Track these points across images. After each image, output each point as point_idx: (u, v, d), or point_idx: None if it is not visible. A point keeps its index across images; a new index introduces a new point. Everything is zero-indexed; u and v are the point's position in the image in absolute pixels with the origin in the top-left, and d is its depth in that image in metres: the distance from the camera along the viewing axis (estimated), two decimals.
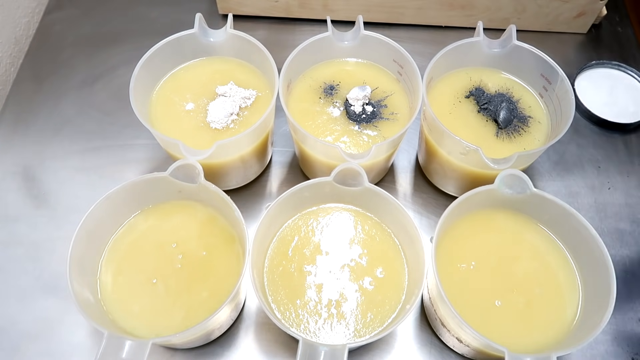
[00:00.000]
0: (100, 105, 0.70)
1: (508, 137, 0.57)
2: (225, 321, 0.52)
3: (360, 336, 0.47)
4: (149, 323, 0.47)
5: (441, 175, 0.61)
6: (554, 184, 0.65)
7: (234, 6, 0.76)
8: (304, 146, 0.57)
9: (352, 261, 0.51)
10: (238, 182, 0.62)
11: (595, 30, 0.79)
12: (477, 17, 0.75)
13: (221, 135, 0.56)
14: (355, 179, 0.49)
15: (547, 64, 0.56)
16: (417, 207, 0.63)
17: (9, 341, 0.54)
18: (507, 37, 0.57)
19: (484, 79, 0.61)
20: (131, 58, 0.58)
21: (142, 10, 0.79)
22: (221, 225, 0.52)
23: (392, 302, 0.49)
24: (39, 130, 0.67)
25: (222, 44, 0.59)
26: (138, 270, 0.49)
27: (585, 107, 0.69)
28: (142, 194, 0.51)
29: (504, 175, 0.48)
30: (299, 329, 0.48)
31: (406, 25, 0.78)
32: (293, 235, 0.52)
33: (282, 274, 0.50)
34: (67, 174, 0.64)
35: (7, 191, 0.63)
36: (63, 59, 0.74)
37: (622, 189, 0.65)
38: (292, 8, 0.76)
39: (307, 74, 0.60)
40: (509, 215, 0.52)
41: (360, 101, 0.57)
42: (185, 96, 0.58)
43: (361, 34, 0.58)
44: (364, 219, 0.53)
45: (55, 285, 0.57)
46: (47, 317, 0.55)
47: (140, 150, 0.66)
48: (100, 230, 0.50)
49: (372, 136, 0.57)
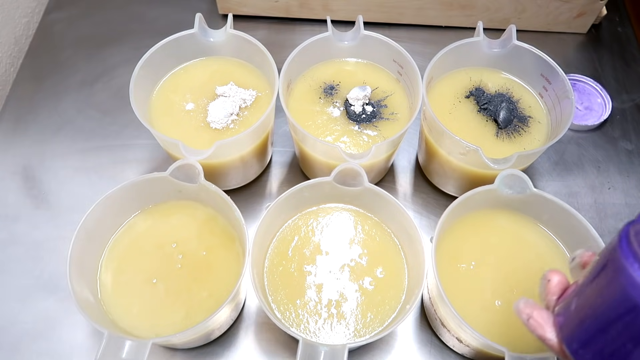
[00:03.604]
0: (100, 105, 0.70)
1: (508, 137, 0.57)
2: (225, 321, 0.52)
3: (360, 336, 0.47)
4: (149, 323, 0.47)
5: (441, 175, 0.61)
6: (554, 184, 0.65)
7: (234, 6, 0.76)
8: (304, 146, 0.57)
9: (352, 261, 0.51)
10: (238, 182, 0.62)
11: (595, 30, 0.79)
12: (477, 17, 0.75)
13: (221, 135, 0.56)
14: (355, 179, 0.49)
15: (547, 64, 0.56)
16: (417, 207, 0.63)
17: (9, 341, 0.54)
18: (507, 37, 0.57)
19: (484, 79, 0.61)
20: (131, 58, 0.58)
21: (142, 10, 0.79)
22: (221, 225, 0.52)
23: (392, 302, 0.49)
24: (39, 130, 0.67)
25: (222, 44, 0.59)
26: (138, 270, 0.49)
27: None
28: (142, 194, 0.51)
29: (504, 175, 0.48)
30: (299, 329, 0.48)
31: (406, 25, 0.78)
32: (293, 235, 0.52)
33: (282, 274, 0.50)
34: (67, 174, 0.64)
35: (7, 191, 0.63)
36: (63, 59, 0.74)
37: (622, 189, 0.65)
38: (292, 8, 0.76)
39: (307, 74, 0.60)
40: (509, 215, 0.52)
41: (360, 101, 0.57)
42: (185, 96, 0.58)
43: (361, 34, 0.58)
44: (364, 219, 0.53)
45: (55, 285, 0.57)
46: (47, 317, 0.55)
47: (140, 150, 0.66)
48: (100, 230, 0.50)
49: (372, 136, 0.57)
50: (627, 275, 0.28)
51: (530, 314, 0.34)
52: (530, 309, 0.34)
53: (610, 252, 0.30)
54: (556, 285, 0.35)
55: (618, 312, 0.29)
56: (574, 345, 0.32)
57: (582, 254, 0.35)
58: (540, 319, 0.34)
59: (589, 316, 0.31)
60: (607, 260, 0.30)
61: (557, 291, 0.35)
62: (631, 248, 0.28)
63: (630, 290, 0.28)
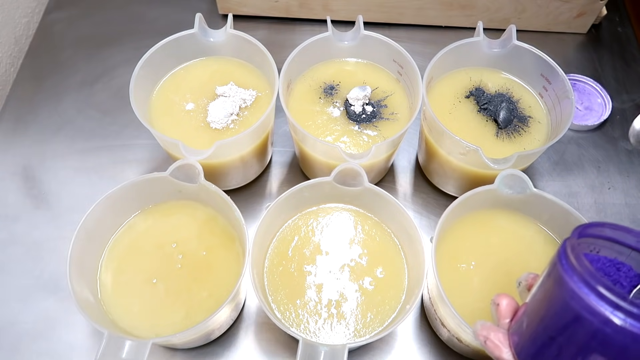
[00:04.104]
0: (100, 105, 0.70)
1: (508, 137, 0.57)
2: (225, 321, 0.52)
3: (360, 336, 0.47)
4: (149, 323, 0.47)
5: (441, 175, 0.61)
6: (554, 184, 0.65)
7: (234, 6, 0.76)
8: (304, 146, 0.57)
9: (352, 261, 0.51)
10: (238, 182, 0.62)
11: (595, 30, 0.79)
12: (477, 17, 0.75)
13: (221, 135, 0.56)
14: (355, 179, 0.49)
15: (547, 64, 0.56)
16: (417, 207, 0.63)
17: (9, 341, 0.54)
18: (507, 37, 0.57)
19: (484, 79, 0.61)
20: (131, 58, 0.58)
21: (142, 10, 0.79)
22: (221, 225, 0.52)
23: (392, 302, 0.49)
24: (39, 130, 0.67)
25: (222, 44, 0.59)
26: (138, 270, 0.49)
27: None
28: (142, 194, 0.51)
29: (504, 175, 0.48)
30: (299, 329, 0.48)
31: (406, 25, 0.78)
32: (293, 235, 0.52)
33: (282, 274, 0.50)
34: (67, 174, 0.64)
35: (7, 191, 0.63)
36: (63, 59, 0.74)
37: (622, 189, 0.65)
38: (292, 8, 0.76)
39: (307, 74, 0.60)
40: (509, 215, 0.52)
41: (360, 101, 0.57)
42: (185, 96, 0.58)
43: (361, 34, 0.58)
44: (364, 219, 0.53)
45: (55, 285, 0.57)
46: (47, 317, 0.55)
47: (140, 150, 0.66)
48: (100, 230, 0.50)
49: (372, 136, 0.57)
50: (568, 288, 0.30)
51: (487, 335, 0.35)
52: (487, 331, 0.35)
53: (552, 268, 0.32)
54: (505, 308, 0.36)
55: (563, 323, 0.30)
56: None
57: (527, 276, 0.37)
58: (497, 340, 0.35)
59: (538, 331, 0.32)
60: (549, 276, 0.32)
61: (507, 314, 0.36)
62: (569, 262, 0.30)
63: (570, 302, 0.29)
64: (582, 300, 0.29)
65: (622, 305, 0.27)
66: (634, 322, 0.27)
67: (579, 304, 0.29)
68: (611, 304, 0.28)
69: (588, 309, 0.28)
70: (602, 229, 0.34)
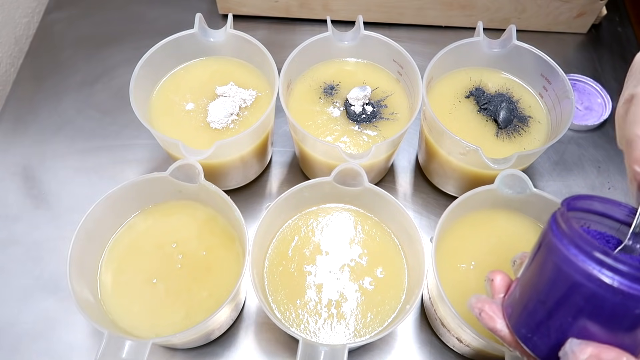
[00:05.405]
0: (100, 105, 0.70)
1: (508, 137, 0.57)
2: (225, 321, 0.52)
3: (360, 336, 0.47)
4: (149, 323, 0.47)
5: (441, 175, 0.61)
6: (554, 184, 0.65)
7: (234, 6, 0.76)
8: (304, 146, 0.57)
9: (352, 261, 0.51)
10: (238, 182, 0.62)
11: (595, 30, 0.79)
12: (477, 17, 0.75)
13: (221, 135, 0.56)
14: (355, 179, 0.49)
15: (547, 64, 0.56)
16: (417, 207, 0.63)
17: (9, 341, 0.54)
18: (507, 37, 0.57)
19: (484, 79, 0.61)
20: (131, 58, 0.58)
21: (142, 10, 0.79)
22: (221, 225, 0.52)
23: (392, 302, 0.49)
24: (39, 130, 0.67)
25: (222, 44, 0.59)
26: (138, 270, 0.49)
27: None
28: (142, 194, 0.51)
29: (504, 175, 0.48)
30: (299, 329, 0.48)
31: (406, 25, 0.78)
32: (293, 235, 0.52)
33: (282, 274, 0.50)
34: (67, 174, 0.64)
35: (7, 191, 0.63)
36: (63, 59, 0.74)
37: (622, 189, 0.65)
38: (292, 8, 0.76)
39: (307, 74, 0.60)
40: (509, 215, 0.52)
41: (360, 101, 0.57)
42: (185, 96, 0.58)
43: (361, 34, 0.58)
44: (364, 219, 0.53)
45: (55, 285, 0.57)
46: (47, 317, 0.55)
47: (140, 150, 0.66)
48: (100, 230, 0.50)
49: (372, 136, 0.57)
50: (558, 251, 0.30)
51: (482, 308, 0.36)
52: (482, 303, 0.36)
53: (543, 237, 0.32)
54: (499, 283, 0.37)
55: (554, 287, 0.31)
56: (522, 330, 0.33)
57: (522, 255, 0.38)
58: (491, 312, 0.35)
59: (530, 299, 0.33)
60: (541, 245, 0.32)
61: (501, 289, 0.36)
62: (559, 227, 0.31)
63: (561, 265, 0.30)
64: (572, 262, 0.29)
65: (610, 264, 0.28)
66: (622, 280, 0.28)
67: (570, 267, 0.29)
68: (600, 263, 0.28)
69: (578, 269, 0.29)
70: (590, 201, 0.35)
